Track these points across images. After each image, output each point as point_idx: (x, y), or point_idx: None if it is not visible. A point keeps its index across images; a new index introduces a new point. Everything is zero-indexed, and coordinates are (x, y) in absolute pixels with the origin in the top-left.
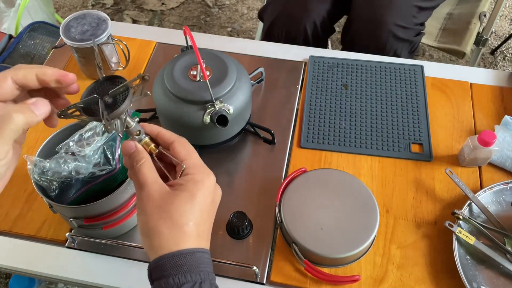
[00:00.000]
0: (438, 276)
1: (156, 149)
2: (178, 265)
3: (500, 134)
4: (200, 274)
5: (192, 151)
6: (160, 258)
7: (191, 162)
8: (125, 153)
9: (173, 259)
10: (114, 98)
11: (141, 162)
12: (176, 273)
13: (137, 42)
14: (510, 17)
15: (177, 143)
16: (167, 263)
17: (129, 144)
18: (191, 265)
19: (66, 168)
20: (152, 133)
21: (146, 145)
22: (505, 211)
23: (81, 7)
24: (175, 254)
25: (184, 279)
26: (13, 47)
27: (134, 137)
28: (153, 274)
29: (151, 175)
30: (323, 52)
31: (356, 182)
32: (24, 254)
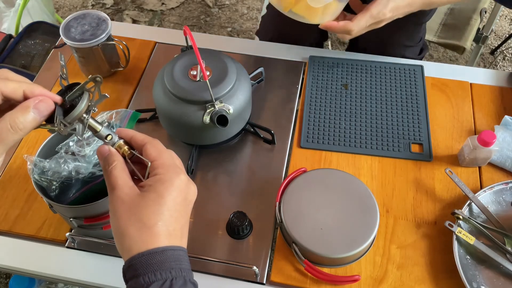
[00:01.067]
0: (438, 276)
1: (128, 151)
2: (148, 264)
3: (500, 134)
4: (171, 272)
5: (163, 151)
6: (131, 259)
7: (160, 162)
8: (100, 156)
9: (143, 259)
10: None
11: (113, 164)
12: (145, 272)
13: (137, 42)
14: (510, 17)
15: (149, 145)
16: (137, 263)
17: (103, 148)
18: (161, 263)
19: (66, 168)
20: (127, 136)
21: (119, 147)
22: (505, 211)
23: (81, 7)
24: (145, 253)
25: (154, 277)
26: (13, 47)
27: (106, 141)
28: (127, 275)
29: (122, 178)
30: (323, 52)
31: (356, 182)
32: (24, 254)
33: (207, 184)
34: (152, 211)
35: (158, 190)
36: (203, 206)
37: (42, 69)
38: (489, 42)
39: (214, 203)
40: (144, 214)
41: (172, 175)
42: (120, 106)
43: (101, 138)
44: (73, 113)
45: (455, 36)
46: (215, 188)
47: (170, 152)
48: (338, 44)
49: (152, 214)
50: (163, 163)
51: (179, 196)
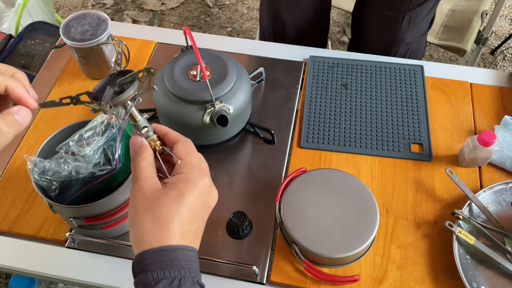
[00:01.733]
0: (438, 276)
1: (160, 147)
2: (158, 261)
3: (500, 134)
4: (180, 271)
5: (192, 151)
6: (142, 253)
7: (187, 161)
8: (131, 146)
9: (154, 255)
10: (121, 88)
11: (142, 156)
12: (155, 269)
13: (137, 42)
14: (510, 17)
15: (180, 143)
16: (147, 258)
17: (137, 138)
18: (171, 262)
19: (66, 168)
20: (161, 132)
21: (153, 141)
22: (505, 211)
23: (81, 7)
24: (156, 250)
25: (162, 275)
26: (13, 47)
27: (142, 132)
28: (136, 269)
29: (148, 171)
30: (323, 52)
31: (356, 182)
32: (24, 254)
33: None
34: (171, 207)
35: (180, 188)
36: None
37: (42, 69)
38: (489, 42)
39: None
40: (162, 209)
41: (196, 176)
42: None
43: (137, 128)
44: (121, 97)
45: (456, 38)
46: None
47: (199, 155)
48: (338, 44)
49: (170, 211)
50: (190, 163)
51: (200, 198)
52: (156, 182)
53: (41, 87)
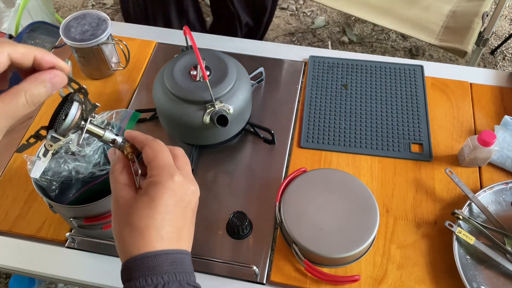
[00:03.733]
0: (438, 276)
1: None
2: (140, 269)
3: (500, 134)
4: (163, 276)
5: (159, 151)
6: (126, 262)
7: (155, 163)
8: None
9: (136, 263)
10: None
11: (115, 167)
12: (137, 276)
13: (137, 42)
14: (510, 17)
15: (147, 146)
16: (131, 267)
17: (110, 151)
18: (153, 268)
19: (66, 168)
20: (130, 139)
21: (125, 150)
22: (505, 211)
23: (81, 7)
24: (138, 257)
25: (144, 282)
26: None
27: (110, 145)
28: (123, 277)
29: (120, 181)
30: (323, 52)
31: (356, 182)
32: (24, 254)
33: (207, 184)
34: (144, 214)
35: (149, 193)
36: (203, 206)
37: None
38: (489, 42)
39: (214, 203)
40: (135, 217)
41: (164, 177)
42: (120, 106)
43: (106, 143)
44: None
45: (457, 40)
46: (215, 188)
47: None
48: (338, 44)
49: (143, 217)
50: (157, 165)
51: (172, 198)
52: (128, 191)
53: None
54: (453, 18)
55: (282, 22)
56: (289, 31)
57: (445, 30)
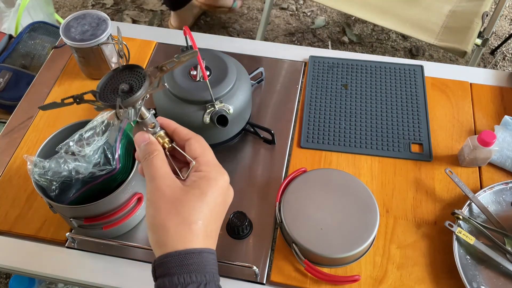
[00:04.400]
0: (438, 276)
1: (170, 144)
2: (184, 264)
3: (500, 134)
4: (206, 275)
5: (207, 149)
6: (166, 256)
7: (205, 159)
8: (138, 144)
9: (179, 258)
10: (130, 86)
11: (154, 154)
12: (181, 272)
13: (137, 42)
14: (510, 17)
15: (194, 140)
16: (172, 261)
17: (143, 135)
18: (198, 266)
19: (66, 168)
20: (169, 128)
21: (160, 138)
22: (505, 211)
23: (81, 7)
24: (182, 252)
25: (189, 279)
26: (13, 47)
27: (149, 129)
28: (157, 271)
29: (163, 168)
30: (323, 52)
31: (356, 182)
32: (24, 254)
33: None
34: (194, 207)
35: (202, 187)
36: None
37: (42, 69)
38: (489, 42)
39: None
40: (185, 209)
41: (217, 174)
42: None
43: (145, 126)
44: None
45: (456, 40)
46: None
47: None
48: (338, 44)
49: (194, 211)
50: (208, 161)
51: (221, 197)
52: (174, 180)
53: (41, 87)
54: (453, 18)
55: (282, 22)
56: (289, 31)
57: (445, 30)
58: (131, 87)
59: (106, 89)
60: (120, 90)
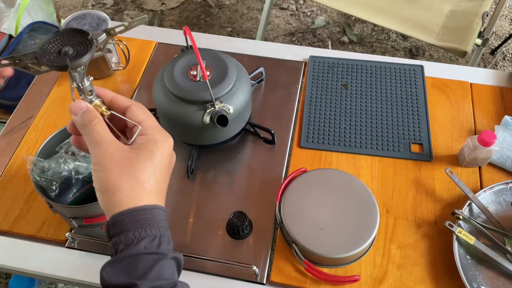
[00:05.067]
0: (438, 276)
1: (108, 112)
2: (138, 220)
3: (500, 134)
4: (160, 229)
5: (150, 114)
6: (120, 214)
7: (149, 123)
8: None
9: (133, 215)
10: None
11: (95, 121)
12: (136, 228)
13: (137, 42)
14: (510, 17)
15: (135, 106)
16: (127, 218)
17: (79, 103)
18: (151, 221)
19: (66, 168)
20: (106, 97)
21: (97, 107)
22: (505, 211)
23: (81, 7)
24: (135, 209)
25: (144, 233)
26: (13, 47)
27: (87, 97)
28: (111, 230)
29: (107, 134)
30: (323, 52)
31: (356, 182)
32: (24, 254)
33: (207, 184)
34: (146, 167)
35: (151, 149)
36: (203, 206)
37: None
38: (489, 42)
39: (214, 203)
40: (137, 169)
41: (163, 137)
42: None
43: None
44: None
45: (456, 40)
46: (215, 188)
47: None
48: (338, 44)
49: (146, 170)
50: (152, 125)
51: (168, 158)
52: (120, 144)
53: (40, 87)
54: (453, 18)
55: (282, 22)
56: (289, 31)
57: (445, 30)
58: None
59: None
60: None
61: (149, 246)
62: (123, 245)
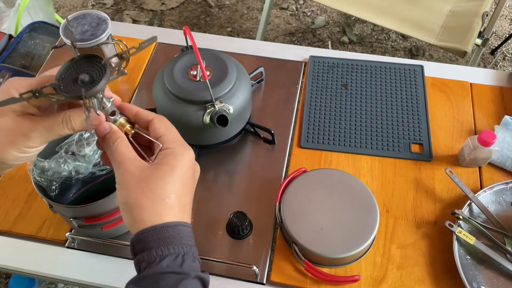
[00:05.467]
0: (438, 276)
1: (132, 130)
2: (161, 238)
3: (500, 134)
4: (183, 247)
5: (171, 126)
6: (142, 232)
7: (170, 136)
8: (99, 135)
9: (155, 232)
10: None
11: (118, 141)
12: (158, 246)
13: (137, 42)
14: (510, 17)
15: (157, 120)
16: (149, 236)
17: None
18: (174, 238)
19: (66, 168)
20: (131, 112)
21: (122, 126)
22: (505, 211)
23: (81, 7)
24: (158, 227)
25: (167, 251)
26: (13, 47)
27: (109, 117)
28: (136, 248)
29: (129, 153)
30: (323, 52)
31: (356, 182)
32: (24, 254)
33: (207, 184)
34: (166, 182)
35: (170, 163)
36: (203, 206)
37: (42, 69)
38: (489, 42)
39: (214, 203)
40: (157, 185)
41: (183, 150)
42: None
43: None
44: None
45: (456, 40)
46: (215, 188)
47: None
48: (338, 44)
49: (166, 185)
50: (173, 138)
51: (189, 171)
52: (141, 161)
53: None
54: (453, 18)
55: (282, 22)
56: (289, 31)
57: (445, 30)
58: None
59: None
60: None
61: (172, 264)
62: (145, 263)
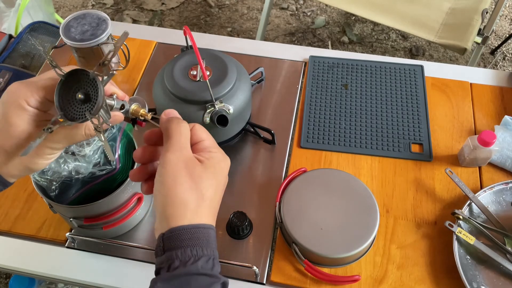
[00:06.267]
0: (438, 276)
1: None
2: (196, 238)
3: (500, 134)
4: (214, 250)
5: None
6: (179, 228)
7: (212, 142)
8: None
9: (192, 231)
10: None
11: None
12: (193, 245)
13: (137, 42)
14: (510, 17)
15: (198, 126)
16: (185, 234)
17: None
18: (207, 240)
19: (66, 168)
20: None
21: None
22: (505, 211)
23: (81, 7)
24: (195, 226)
25: (201, 252)
26: (13, 47)
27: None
28: (166, 244)
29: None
30: (323, 52)
31: (356, 182)
32: (24, 254)
33: None
34: (210, 184)
35: (215, 166)
36: None
37: (42, 69)
38: (489, 42)
39: None
40: (204, 185)
41: (224, 157)
42: None
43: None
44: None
45: (456, 37)
46: None
47: None
48: (338, 44)
49: (210, 187)
50: (215, 145)
51: (225, 179)
52: (194, 156)
53: None
54: (453, 15)
55: (282, 22)
56: (289, 31)
57: (444, 27)
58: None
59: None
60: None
61: (205, 266)
62: (178, 262)
